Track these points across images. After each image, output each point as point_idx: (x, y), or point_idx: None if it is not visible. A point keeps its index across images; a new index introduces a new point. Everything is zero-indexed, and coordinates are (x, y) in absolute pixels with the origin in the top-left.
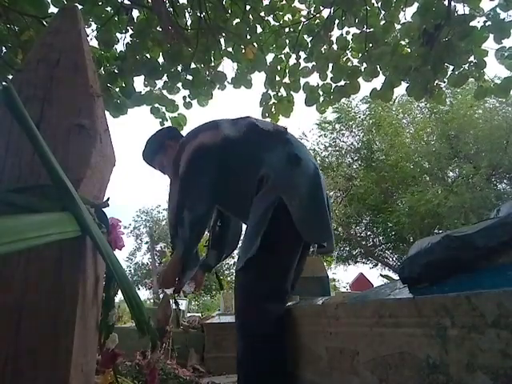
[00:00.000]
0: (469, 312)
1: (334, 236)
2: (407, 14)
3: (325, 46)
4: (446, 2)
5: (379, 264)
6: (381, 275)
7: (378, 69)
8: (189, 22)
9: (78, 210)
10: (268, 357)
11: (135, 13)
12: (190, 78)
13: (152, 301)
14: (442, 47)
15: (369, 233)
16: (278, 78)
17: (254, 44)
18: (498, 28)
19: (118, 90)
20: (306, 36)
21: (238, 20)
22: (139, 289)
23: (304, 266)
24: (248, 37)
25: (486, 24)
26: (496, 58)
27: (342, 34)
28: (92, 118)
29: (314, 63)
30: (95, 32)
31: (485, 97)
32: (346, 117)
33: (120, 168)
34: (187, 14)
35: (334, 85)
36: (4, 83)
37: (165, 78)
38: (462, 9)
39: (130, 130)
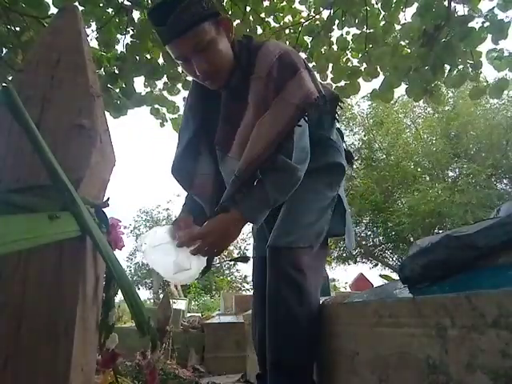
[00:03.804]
0: (469, 312)
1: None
2: (407, 14)
3: (325, 47)
4: (446, 3)
5: (379, 264)
6: (380, 276)
7: (378, 69)
8: None
9: (78, 210)
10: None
11: (135, 14)
12: (190, 78)
13: (152, 301)
14: (441, 48)
15: (369, 233)
16: None
17: None
18: (496, 29)
19: (118, 90)
20: (306, 36)
21: (238, 21)
22: (139, 289)
23: None
24: None
25: (484, 25)
26: (486, 58)
27: (342, 35)
28: (92, 118)
29: (314, 63)
30: (95, 32)
31: (479, 97)
32: (346, 114)
33: (120, 168)
34: None
35: (334, 85)
36: (4, 83)
37: (165, 78)
38: (461, 9)
39: (130, 130)
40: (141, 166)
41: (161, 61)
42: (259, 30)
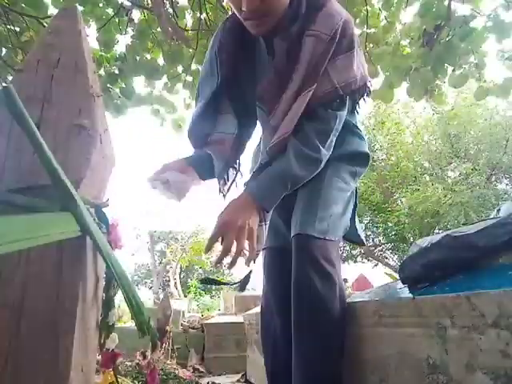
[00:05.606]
0: (469, 312)
1: None
2: (408, 14)
3: None
4: (446, 3)
5: (379, 264)
6: (386, 273)
7: (379, 69)
8: (189, 23)
9: (78, 210)
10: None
11: (135, 13)
12: (189, 79)
13: (152, 301)
14: (442, 48)
15: (369, 233)
16: None
17: None
18: (499, 28)
19: (118, 90)
20: None
21: None
22: (139, 289)
23: None
24: None
25: (487, 24)
26: (497, 58)
27: None
28: (92, 118)
29: None
30: (95, 32)
31: (485, 97)
32: None
33: (120, 168)
34: (187, 15)
35: None
36: (4, 83)
37: (165, 79)
38: (462, 9)
39: (130, 130)
40: (141, 166)
41: (161, 61)
42: None
